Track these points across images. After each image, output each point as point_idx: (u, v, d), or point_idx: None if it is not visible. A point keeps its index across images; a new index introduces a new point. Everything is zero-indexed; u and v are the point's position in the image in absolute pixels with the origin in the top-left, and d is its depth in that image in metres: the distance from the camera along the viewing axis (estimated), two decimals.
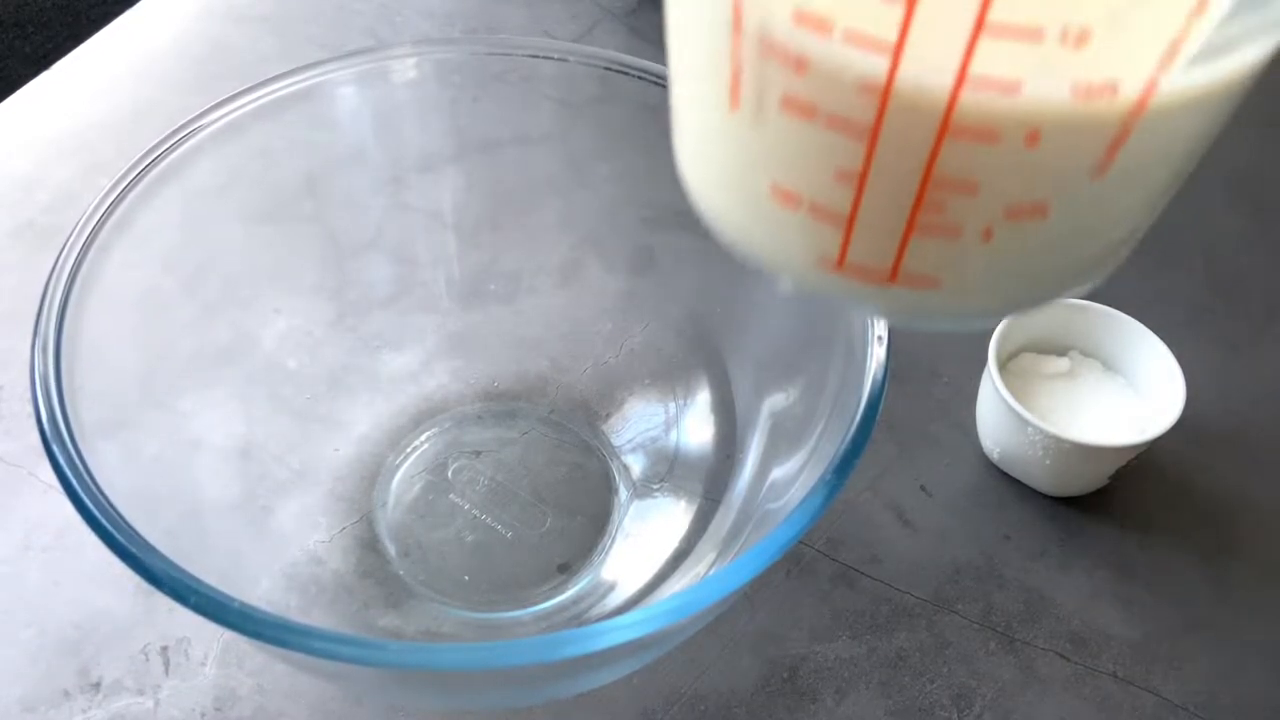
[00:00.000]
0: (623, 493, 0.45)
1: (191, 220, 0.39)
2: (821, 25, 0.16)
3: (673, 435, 0.46)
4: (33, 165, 0.58)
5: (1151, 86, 0.16)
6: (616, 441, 0.47)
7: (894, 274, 0.19)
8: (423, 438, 0.46)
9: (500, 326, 0.48)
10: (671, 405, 0.47)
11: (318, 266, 0.45)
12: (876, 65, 0.16)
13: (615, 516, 0.45)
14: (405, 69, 0.42)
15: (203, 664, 0.40)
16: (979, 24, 0.15)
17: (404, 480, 0.45)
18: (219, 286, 0.41)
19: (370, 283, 0.47)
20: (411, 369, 0.47)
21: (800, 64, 0.16)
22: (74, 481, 0.29)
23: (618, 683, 0.40)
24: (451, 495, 0.44)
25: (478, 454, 0.46)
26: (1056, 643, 0.43)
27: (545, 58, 0.42)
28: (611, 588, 0.42)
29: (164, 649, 0.41)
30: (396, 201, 0.46)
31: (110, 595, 0.42)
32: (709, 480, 0.44)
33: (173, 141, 0.37)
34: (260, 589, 0.37)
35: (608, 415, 0.47)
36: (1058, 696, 0.41)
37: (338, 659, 0.26)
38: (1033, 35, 0.15)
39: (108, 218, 0.35)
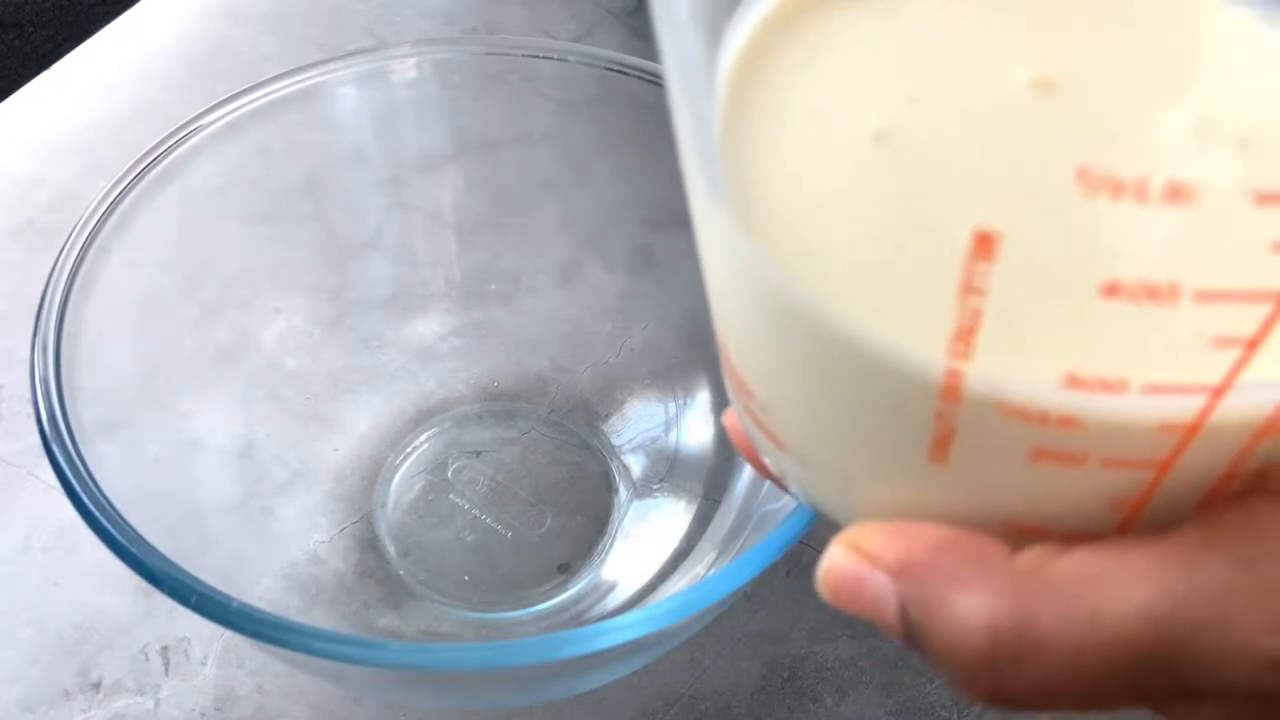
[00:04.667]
0: (623, 493, 0.45)
1: (191, 220, 0.39)
2: (1112, 385, 0.13)
3: (673, 435, 0.46)
4: (33, 165, 0.58)
5: None
6: (616, 441, 0.47)
7: None
8: (423, 438, 0.46)
9: (500, 326, 0.48)
10: (671, 405, 0.47)
11: (318, 266, 0.45)
12: (1192, 404, 0.13)
13: (615, 516, 0.45)
14: (405, 69, 0.42)
15: (203, 664, 0.40)
16: None
17: (404, 480, 0.45)
18: (218, 286, 0.41)
19: (370, 283, 0.47)
20: (411, 369, 0.47)
21: (1067, 421, 0.14)
22: (74, 481, 0.29)
23: (618, 683, 0.40)
24: (451, 495, 0.45)
25: (478, 454, 0.46)
26: None
27: (545, 58, 0.42)
28: (611, 588, 0.42)
29: (164, 649, 0.41)
30: (396, 201, 0.46)
31: (110, 595, 0.42)
32: (709, 480, 0.44)
33: (173, 141, 0.37)
34: (260, 589, 0.37)
35: (608, 415, 0.47)
36: None
37: (338, 659, 0.26)
38: None
39: (108, 218, 0.35)
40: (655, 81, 0.41)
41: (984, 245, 0.13)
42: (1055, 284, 0.13)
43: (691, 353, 0.46)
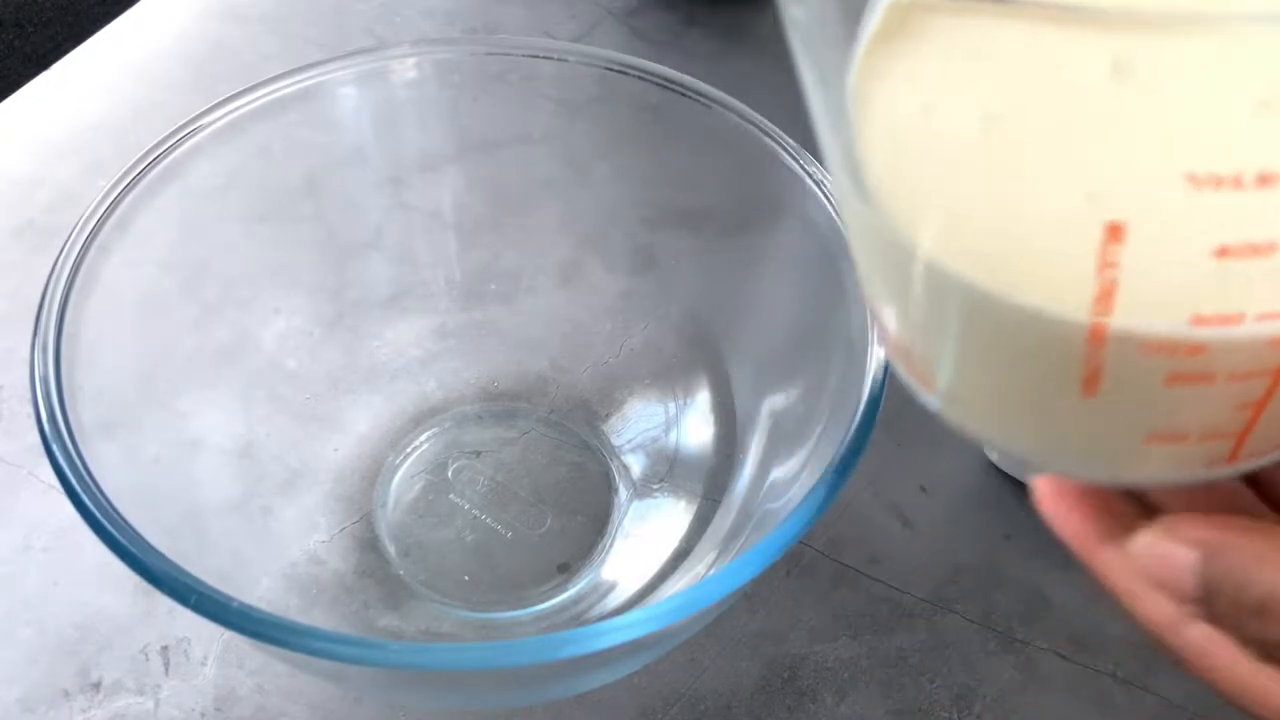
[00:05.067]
0: (623, 493, 0.45)
1: (191, 220, 0.39)
2: (1228, 320, 0.17)
3: (673, 435, 0.46)
4: (33, 165, 0.58)
5: None
6: (616, 441, 0.47)
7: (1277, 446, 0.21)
8: (423, 438, 0.46)
9: (500, 326, 0.48)
10: (671, 405, 0.47)
11: (317, 266, 0.45)
12: None
13: (615, 516, 0.45)
14: (405, 69, 0.42)
15: (203, 664, 0.40)
16: None
17: (404, 480, 0.45)
18: (218, 286, 0.41)
19: (370, 283, 0.47)
20: (411, 369, 0.47)
21: (1196, 349, 0.17)
22: (74, 481, 0.29)
23: (618, 683, 0.40)
24: (451, 495, 0.45)
25: (478, 454, 0.46)
26: (1056, 643, 0.43)
27: (545, 58, 0.42)
28: (611, 588, 0.42)
29: (164, 649, 0.41)
30: (396, 201, 0.46)
31: (110, 595, 0.42)
32: (709, 480, 0.44)
33: (173, 141, 0.37)
34: (260, 589, 0.37)
35: (608, 415, 0.47)
36: (1058, 696, 0.41)
37: (338, 659, 0.26)
38: None
39: (108, 218, 0.35)
40: (655, 81, 0.41)
41: (1115, 233, 0.16)
42: (1175, 254, 0.16)
43: (691, 353, 0.46)
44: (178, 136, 0.37)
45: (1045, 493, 0.23)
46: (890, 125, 0.19)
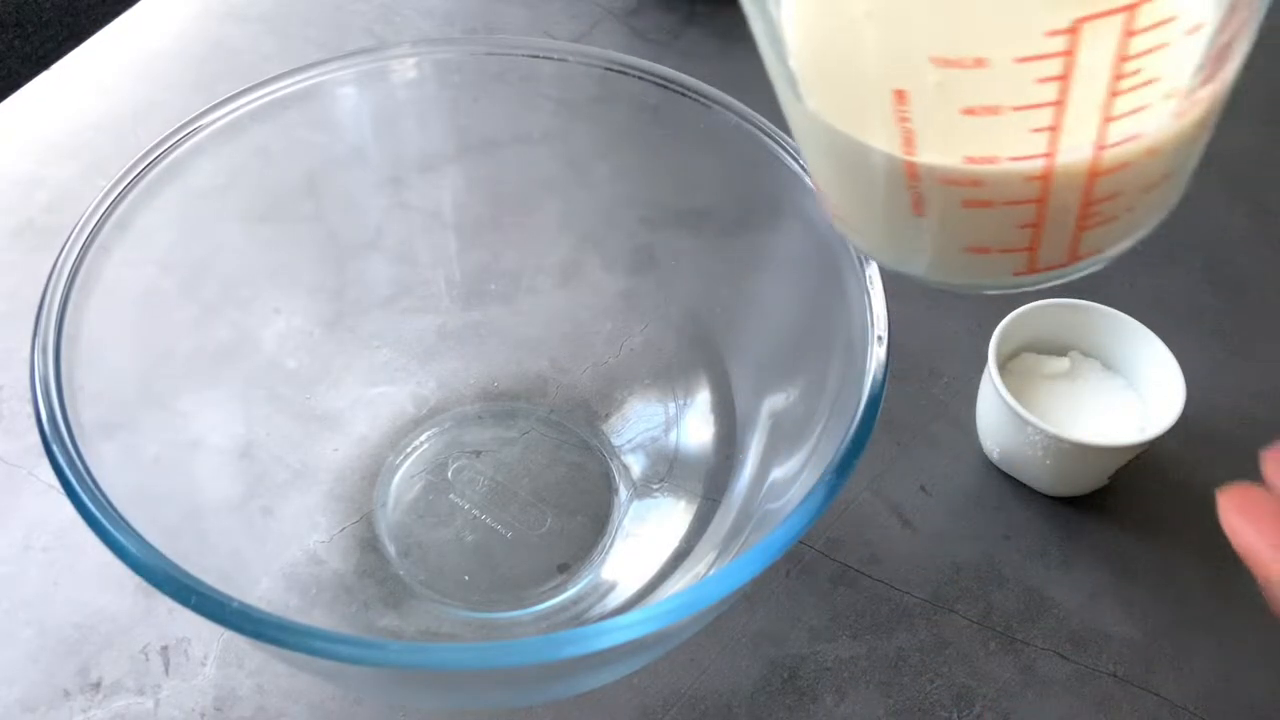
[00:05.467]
0: (623, 493, 0.45)
1: (191, 220, 0.39)
2: (989, 159, 0.24)
3: (673, 435, 0.46)
4: (33, 165, 0.58)
5: (1217, 91, 0.25)
6: (616, 441, 0.47)
7: (1071, 259, 0.27)
8: (423, 438, 0.46)
9: (500, 326, 0.48)
10: (671, 405, 0.47)
11: (317, 266, 0.45)
12: (1036, 165, 0.24)
13: (615, 516, 0.45)
14: (405, 69, 0.42)
15: (203, 664, 0.40)
16: (1106, 118, 0.23)
17: (404, 480, 0.45)
18: (218, 286, 0.41)
19: (370, 283, 0.47)
20: (411, 369, 0.47)
21: (976, 181, 0.24)
22: (74, 481, 0.29)
23: (618, 683, 0.40)
24: (451, 495, 0.44)
25: (478, 454, 0.46)
26: (1056, 643, 0.43)
27: (545, 58, 0.42)
28: (611, 588, 0.42)
29: (164, 649, 0.41)
30: (396, 201, 0.46)
31: (110, 595, 0.42)
32: (709, 480, 0.44)
33: (173, 141, 0.37)
34: (260, 589, 0.37)
35: (608, 415, 0.47)
36: (1058, 696, 0.41)
37: (338, 659, 0.26)
38: (1148, 106, 0.23)
39: (108, 218, 0.35)
40: (655, 81, 0.41)
41: (900, 97, 0.23)
42: (941, 112, 0.23)
43: (691, 353, 0.46)
44: (178, 136, 0.37)
45: (1227, 507, 0.26)
46: (808, 34, 0.25)
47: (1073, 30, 0.21)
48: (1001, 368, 0.47)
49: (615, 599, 0.41)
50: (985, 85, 0.23)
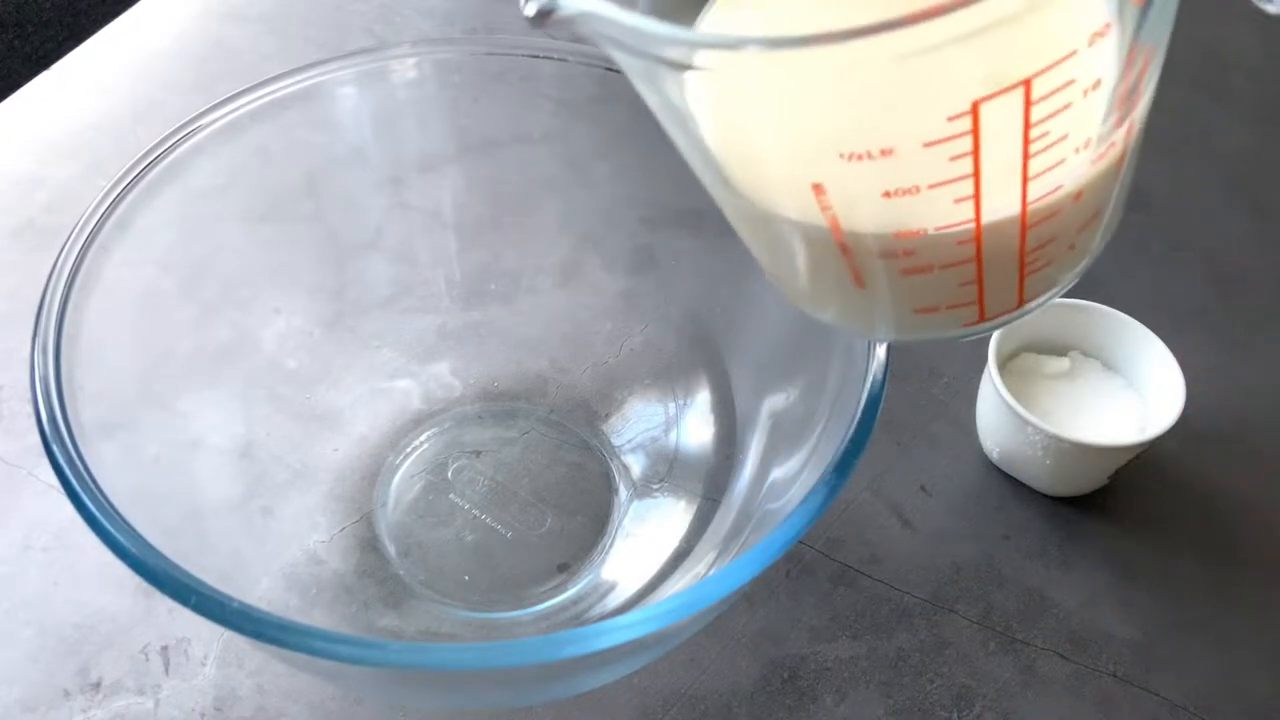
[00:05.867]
0: (623, 493, 0.45)
1: (191, 220, 0.39)
2: (917, 233, 0.25)
3: (673, 435, 0.46)
4: (33, 165, 0.58)
5: (1133, 125, 0.26)
6: (616, 441, 0.47)
7: (1020, 303, 0.28)
8: (423, 438, 0.46)
9: (500, 326, 0.48)
10: (671, 405, 0.47)
11: (318, 266, 0.45)
12: (967, 229, 0.25)
13: (615, 516, 0.45)
14: (405, 69, 0.42)
15: (203, 664, 0.40)
16: (1025, 179, 0.24)
17: (404, 480, 0.45)
18: (218, 286, 0.41)
19: (370, 283, 0.47)
20: (411, 369, 0.47)
21: (908, 252, 0.25)
22: (74, 481, 0.29)
23: (618, 683, 0.40)
24: (451, 495, 0.44)
25: (478, 454, 0.46)
26: (1056, 643, 0.43)
27: (545, 58, 0.42)
28: (611, 588, 0.42)
29: (164, 649, 0.41)
30: (396, 201, 0.46)
31: (110, 595, 0.42)
32: (709, 480, 0.44)
33: (173, 141, 0.37)
34: (260, 589, 0.37)
35: (608, 415, 0.47)
36: (1058, 696, 0.41)
37: (338, 659, 0.26)
38: (1064, 161, 0.24)
39: (108, 218, 0.35)
40: None
41: (818, 190, 0.24)
42: (860, 197, 0.24)
43: (691, 353, 0.46)
44: (178, 136, 0.37)
45: None
46: (724, 136, 0.26)
47: (972, 112, 0.22)
48: (1001, 368, 0.47)
49: (615, 599, 0.41)
50: (899, 170, 0.23)
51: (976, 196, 0.24)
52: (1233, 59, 0.70)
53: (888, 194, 0.24)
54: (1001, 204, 0.24)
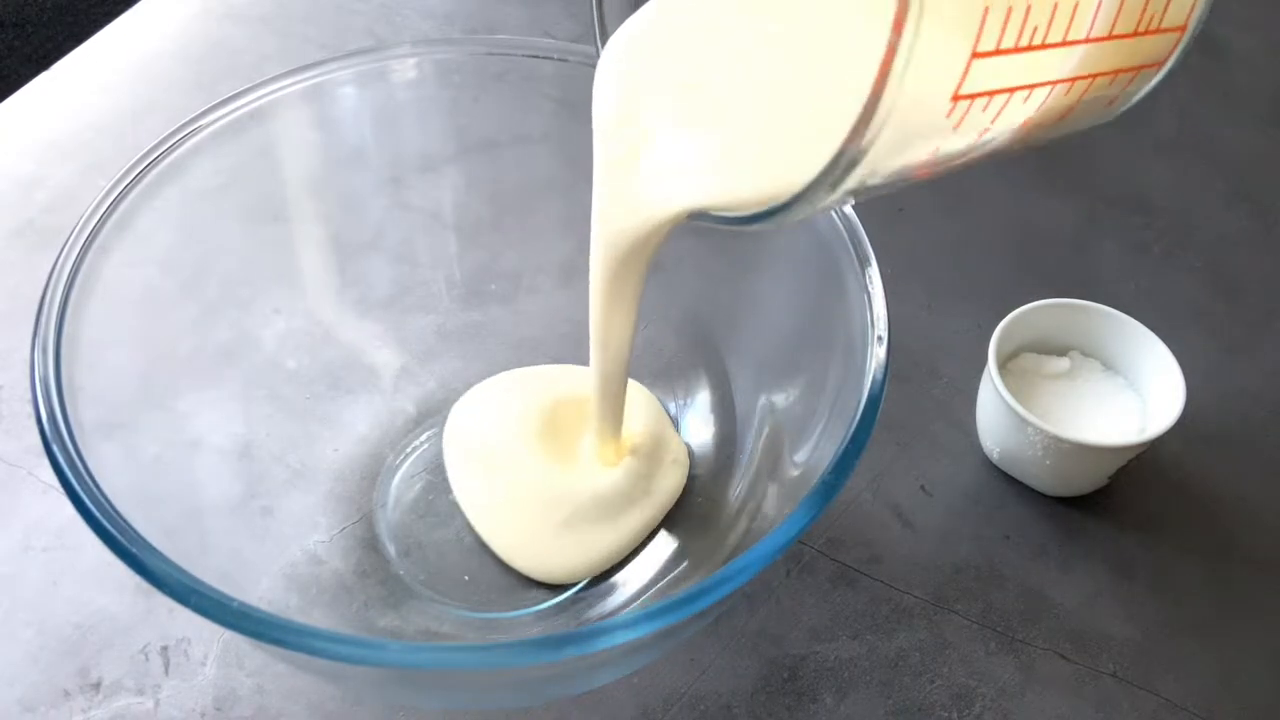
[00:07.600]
0: None
1: (191, 220, 0.39)
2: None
3: None
4: (33, 165, 0.58)
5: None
6: None
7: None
8: (423, 438, 0.46)
9: (500, 326, 0.48)
10: (671, 405, 0.47)
11: (318, 266, 0.45)
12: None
13: None
14: (405, 69, 0.42)
15: (203, 664, 0.40)
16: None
17: (404, 480, 0.45)
18: (219, 286, 0.41)
19: (370, 283, 0.47)
20: (412, 369, 0.47)
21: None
22: (74, 481, 0.29)
23: (618, 683, 0.40)
24: (451, 495, 0.44)
25: None
26: (1056, 643, 0.43)
27: (545, 58, 0.42)
28: (612, 588, 0.42)
29: (164, 649, 0.41)
30: (396, 201, 0.46)
31: (110, 595, 0.42)
32: (709, 480, 0.44)
33: (173, 141, 0.37)
34: (260, 589, 0.37)
35: None
36: (1058, 696, 0.41)
37: (338, 659, 0.26)
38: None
39: (108, 218, 0.35)
40: None
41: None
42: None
43: (691, 353, 0.46)
44: (178, 136, 0.37)
45: None
46: None
47: None
48: (1001, 368, 0.47)
49: (615, 599, 0.41)
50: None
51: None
52: (1234, 59, 0.71)
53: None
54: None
